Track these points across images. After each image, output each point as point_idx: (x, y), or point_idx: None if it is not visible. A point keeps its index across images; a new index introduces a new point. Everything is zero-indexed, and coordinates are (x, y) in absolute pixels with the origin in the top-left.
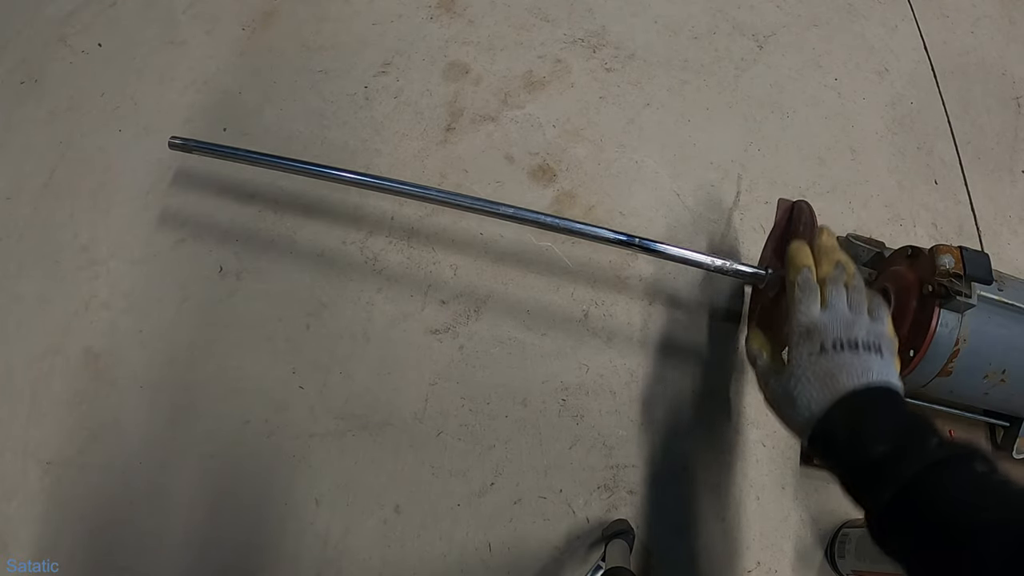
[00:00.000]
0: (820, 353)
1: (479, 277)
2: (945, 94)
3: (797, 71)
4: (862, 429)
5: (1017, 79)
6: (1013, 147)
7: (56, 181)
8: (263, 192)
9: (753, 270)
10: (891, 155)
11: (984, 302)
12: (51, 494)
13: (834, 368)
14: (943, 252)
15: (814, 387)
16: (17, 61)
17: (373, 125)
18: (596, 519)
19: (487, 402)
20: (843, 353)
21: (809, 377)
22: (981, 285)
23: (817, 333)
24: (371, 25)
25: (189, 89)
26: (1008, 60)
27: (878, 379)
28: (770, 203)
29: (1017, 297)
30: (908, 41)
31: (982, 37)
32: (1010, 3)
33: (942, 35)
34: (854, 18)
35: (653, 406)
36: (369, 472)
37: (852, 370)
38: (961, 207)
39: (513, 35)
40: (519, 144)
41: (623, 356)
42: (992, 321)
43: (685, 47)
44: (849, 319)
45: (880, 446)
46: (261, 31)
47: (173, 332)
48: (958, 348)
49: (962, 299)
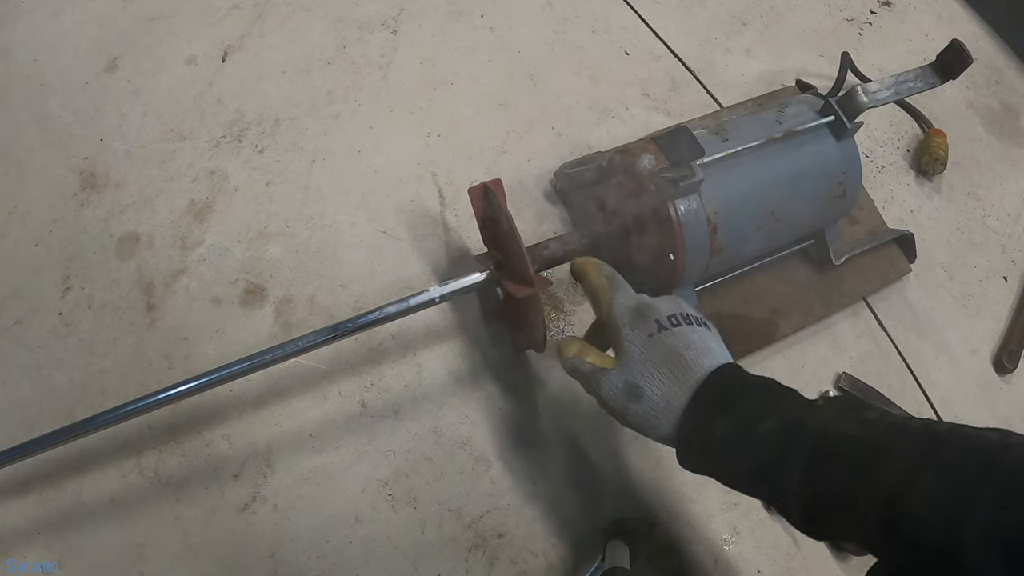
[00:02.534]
0: (659, 332)
1: (252, 433)
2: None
3: (440, 33)
4: (747, 412)
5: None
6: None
7: None
8: (34, 473)
9: (478, 279)
10: (568, 55)
11: (711, 167)
12: None
13: (678, 346)
14: (637, 155)
15: (663, 374)
16: None
17: (86, 347)
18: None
19: (327, 541)
20: (681, 328)
21: (654, 361)
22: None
23: (650, 311)
24: (34, 247)
25: None
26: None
27: (720, 353)
28: (476, 182)
29: (744, 136)
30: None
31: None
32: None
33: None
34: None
35: (472, 447)
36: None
37: (695, 346)
38: (663, 60)
39: (160, 173)
40: (217, 281)
41: (418, 420)
42: (731, 177)
43: (323, 79)
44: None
45: (768, 422)
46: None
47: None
48: (714, 224)
49: (686, 183)
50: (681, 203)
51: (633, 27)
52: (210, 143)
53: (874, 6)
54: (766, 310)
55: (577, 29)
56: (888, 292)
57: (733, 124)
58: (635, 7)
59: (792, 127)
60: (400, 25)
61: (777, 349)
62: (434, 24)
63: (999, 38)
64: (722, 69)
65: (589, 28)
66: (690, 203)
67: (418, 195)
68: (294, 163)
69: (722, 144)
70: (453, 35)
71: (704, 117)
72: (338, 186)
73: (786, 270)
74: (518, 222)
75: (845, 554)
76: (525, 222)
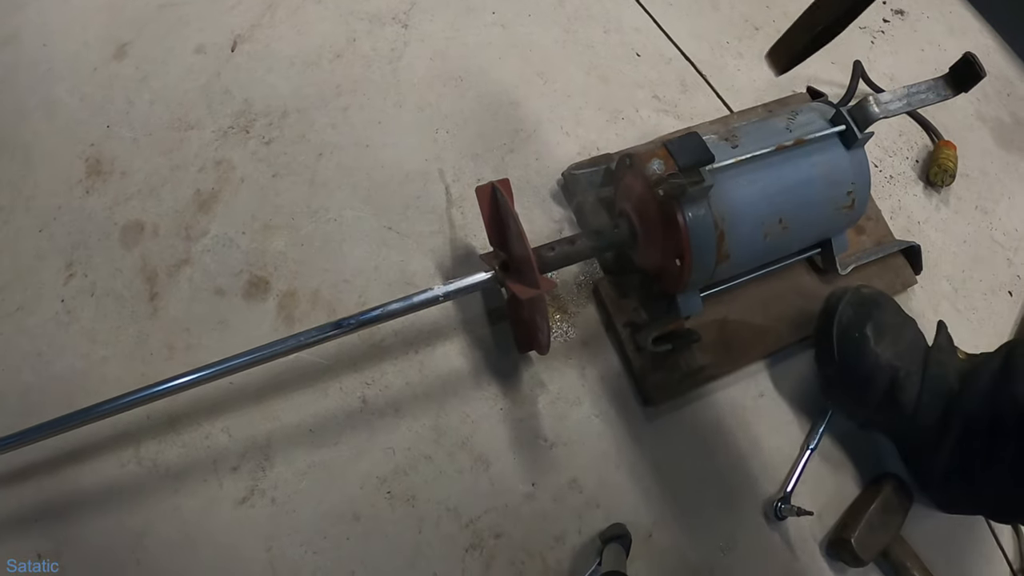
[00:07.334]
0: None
1: (251, 426)
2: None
3: (451, 28)
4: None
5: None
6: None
7: None
8: (32, 461)
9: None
10: (578, 55)
11: (720, 173)
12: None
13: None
14: (648, 159)
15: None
16: None
17: (87, 335)
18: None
19: (324, 537)
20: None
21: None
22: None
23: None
24: (38, 232)
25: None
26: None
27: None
28: (483, 180)
29: (753, 143)
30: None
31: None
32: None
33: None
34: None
35: (471, 446)
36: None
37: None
38: (674, 62)
39: (166, 162)
40: (220, 272)
41: (418, 418)
42: (740, 184)
43: (332, 71)
44: None
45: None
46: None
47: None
48: (721, 230)
49: (695, 188)
50: (689, 209)
51: (645, 28)
52: (217, 133)
53: (887, 15)
54: (771, 317)
55: (588, 29)
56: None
57: (743, 130)
58: (647, 8)
59: (802, 135)
60: (411, 19)
61: (780, 356)
62: (445, 19)
63: (1011, 50)
64: (733, 73)
65: (600, 28)
66: (698, 209)
67: (425, 192)
68: (301, 156)
69: (732, 150)
70: (464, 31)
71: (714, 122)
72: (345, 180)
73: (791, 278)
74: (524, 221)
75: (841, 564)
76: (531, 221)
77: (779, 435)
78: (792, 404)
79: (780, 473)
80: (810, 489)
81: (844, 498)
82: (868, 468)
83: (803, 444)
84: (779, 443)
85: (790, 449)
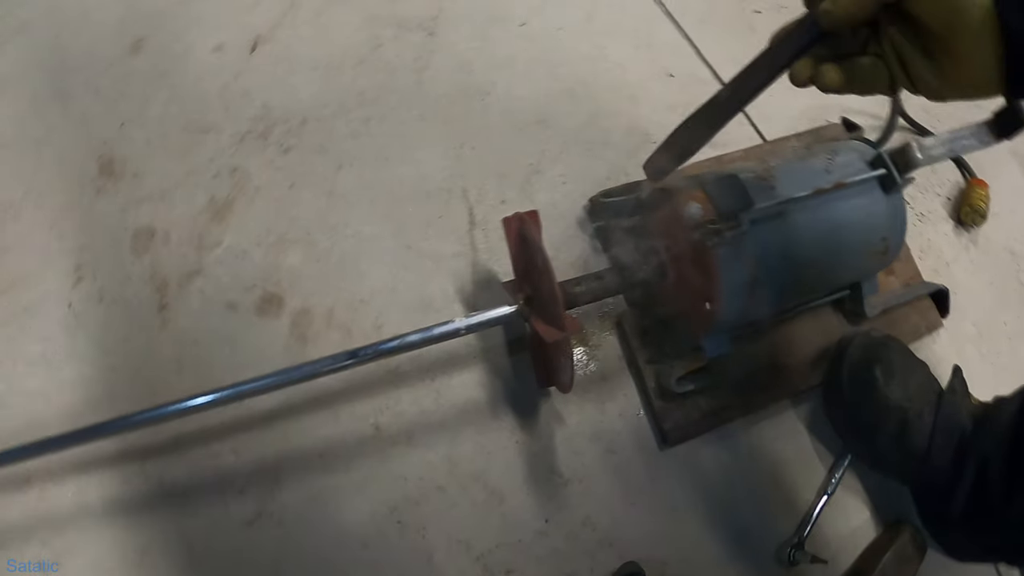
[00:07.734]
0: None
1: (261, 447)
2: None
3: (479, 39)
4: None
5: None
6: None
7: None
8: (35, 471)
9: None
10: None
11: (757, 216)
12: None
13: None
14: (686, 201)
15: None
16: None
17: (95, 342)
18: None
19: (331, 563)
20: None
21: None
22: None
23: None
24: (48, 230)
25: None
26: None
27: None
28: (507, 202)
29: (791, 185)
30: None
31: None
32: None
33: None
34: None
35: (486, 479)
36: None
37: None
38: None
39: (180, 166)
40: (233, 286)
41: (432, 448)
42: (776, 228)
43: (354, 78)
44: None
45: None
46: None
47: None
48: (754, 275)
49: (731, 233)
50: (723, 252)
51: (677, 47)
52: (234, 138)
53: None
54: (796, 358)
55: (619, 44)
56: (917, 345)
57: (781, 170)
58: (681, 24)
59: (842, 178)
60: (438, 27)
61: (803, 397)
62: (473, 29)
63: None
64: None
65: (631, 44)
66: (733, 254)
67: (447, 211)
68: (320, 166)
69: (770, 192)
70: (492, 42)
71: (747, 151)
72: (364, 194)
73: (818, 319)
74: (548, 247)
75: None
76: (555, 248)
77: (798, 477)
78: (813, 446)
79: (797, 516)
80: (825, 532)
81: (859, 541)
82: (885, 512)
83: (820, 488)
84: (797, 485)
85: (808, 492)
